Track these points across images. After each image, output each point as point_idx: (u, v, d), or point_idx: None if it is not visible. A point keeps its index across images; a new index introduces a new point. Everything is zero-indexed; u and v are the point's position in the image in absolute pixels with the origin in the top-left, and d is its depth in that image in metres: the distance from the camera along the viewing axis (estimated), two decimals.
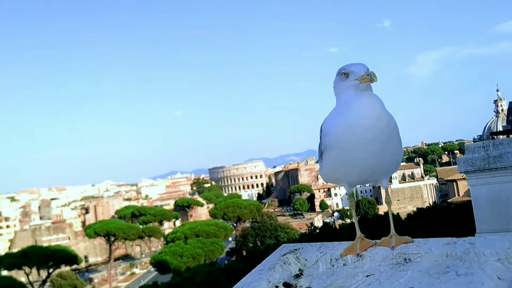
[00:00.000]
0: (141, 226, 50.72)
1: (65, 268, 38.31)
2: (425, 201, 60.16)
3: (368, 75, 1.32)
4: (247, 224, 47.89)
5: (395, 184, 67.22)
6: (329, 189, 77.46)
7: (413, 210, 15.88)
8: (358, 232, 1.46)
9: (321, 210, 75.02)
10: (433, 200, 60.18)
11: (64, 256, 34.85)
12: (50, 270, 34.89)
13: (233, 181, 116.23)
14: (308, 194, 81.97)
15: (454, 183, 40.83)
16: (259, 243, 36.37)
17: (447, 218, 12.00)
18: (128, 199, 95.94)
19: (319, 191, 79.21)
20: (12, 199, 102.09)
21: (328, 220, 55.84)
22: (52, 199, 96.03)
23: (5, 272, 32.81)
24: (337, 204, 77.13)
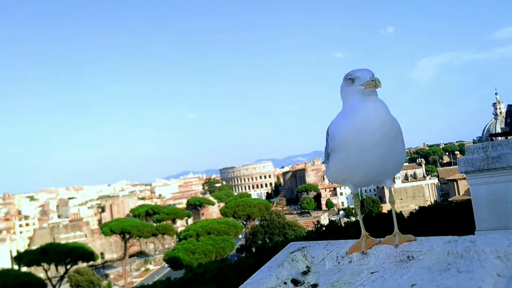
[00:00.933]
0: (155, 224, 51.48)
1: (82, 265, 39.34)
2: (427, 200, 59.82)
3: (373, 80, 1.35)
4: (256, 222, 48.08)
5: (398, 183, 67.23)
6: (334, 189, 78.09)
7: (415, 209, 15.64)
8: (363, 231, 1.50)
9: (327, 209, 75.56)
10: (435, 199, 59.55)
11: (81, 253, 35.71)
12: (68, 267, 35.79)
13: (243, 181, 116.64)
14: (315, 193, 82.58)
15: (455, 183, 40.00)
16: (267, 240, 36.40)
17: (448, 217, 11.85)
18: (143, 198, 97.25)
19: (325, 190, 79.85)
20: (32, 198, 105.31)
21: (334, 218, 55.85)
22: (69, 198, 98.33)
23: (24, 268, 33.67)
24: (342, 202, 77.38)
